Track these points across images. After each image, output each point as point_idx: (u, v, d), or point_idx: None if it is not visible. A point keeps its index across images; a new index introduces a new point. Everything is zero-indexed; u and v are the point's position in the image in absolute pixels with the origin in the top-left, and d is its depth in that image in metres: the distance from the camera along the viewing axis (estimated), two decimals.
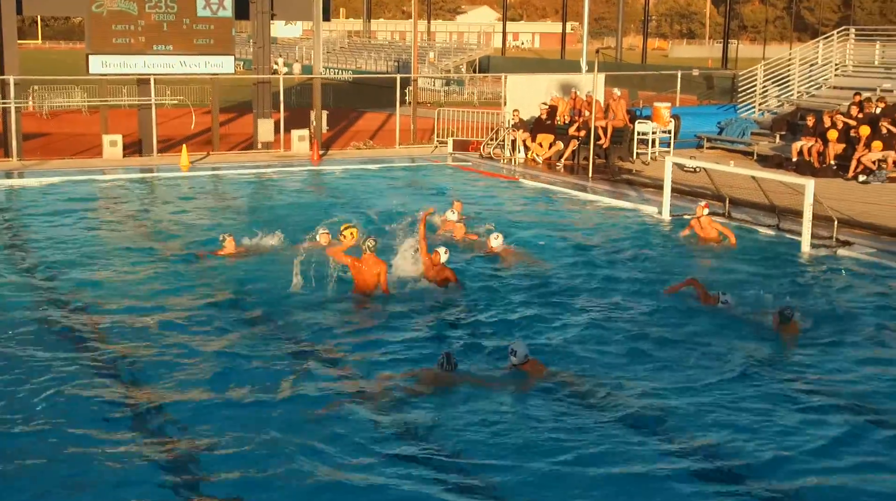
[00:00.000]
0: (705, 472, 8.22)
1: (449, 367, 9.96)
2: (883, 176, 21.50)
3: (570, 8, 71.41)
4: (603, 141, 25.07)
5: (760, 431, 8.96)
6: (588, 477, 8.05)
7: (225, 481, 7.90)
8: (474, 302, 12.93)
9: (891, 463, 8.36)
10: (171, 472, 8.08)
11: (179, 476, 8.03)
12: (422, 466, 8.18)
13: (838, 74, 28.81)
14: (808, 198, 15.80)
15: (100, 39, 24.71)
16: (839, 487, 7.95)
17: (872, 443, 8.77)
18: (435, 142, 29.14)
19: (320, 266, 13.31)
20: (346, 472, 8.05)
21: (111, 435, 8.68)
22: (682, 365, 10.65)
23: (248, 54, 41.71)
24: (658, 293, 13.37)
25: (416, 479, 7.95)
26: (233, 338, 11.42)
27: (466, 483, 7.95)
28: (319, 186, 23.18)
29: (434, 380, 9.91)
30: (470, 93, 49.41)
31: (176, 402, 9.44)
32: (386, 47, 72.32)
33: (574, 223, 18.56)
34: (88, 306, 12.62)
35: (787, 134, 25.93)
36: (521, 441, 8.65)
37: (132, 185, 22.49)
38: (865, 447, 8.68)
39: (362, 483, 7.87)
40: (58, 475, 7.94)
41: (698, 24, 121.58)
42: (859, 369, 10.63)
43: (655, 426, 9.05)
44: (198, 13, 25.44)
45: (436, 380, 9.90)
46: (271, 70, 30.13)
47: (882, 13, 79.37)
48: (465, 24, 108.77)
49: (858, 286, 14.01)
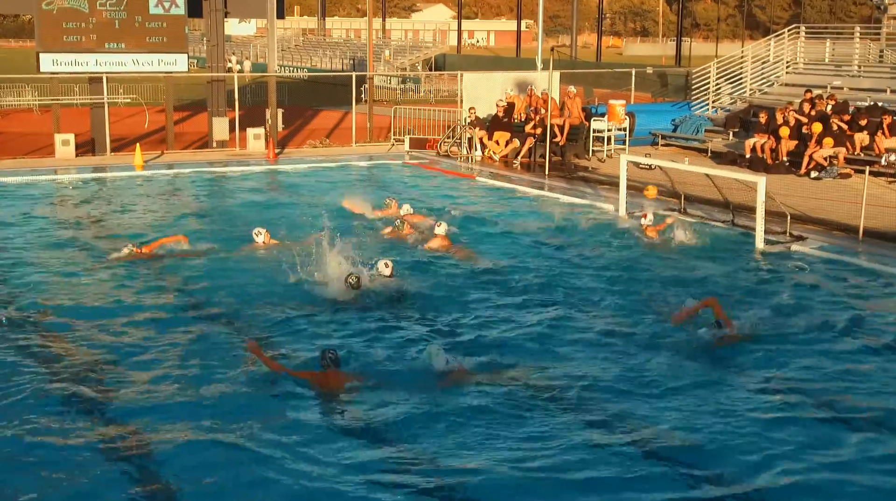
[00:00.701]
0: (656, 465, 8.30)
1: (331, 364, 9.79)
2: (834, 172, 21.80)
3: (524, 6, 71.59)
4: (559, 139, 25.17)
5: (703, 419, 9.08)
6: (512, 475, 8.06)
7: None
8: (425, 301, 12.94)
9: (847, 456, 8.48)
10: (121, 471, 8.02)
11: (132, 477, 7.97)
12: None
13: (790, 71, 29.17)
14: (761, 194, 15.98)
15: (50, 37, 24.39)
16: (799, 485, 8.04)
17: (829, 438, 8.88)
18: (392, 140, 29.09)
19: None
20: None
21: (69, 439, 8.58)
22: (634, 360, 10.73)
23: (202, 52, 41.37)
24: (617, 291, 13.46)
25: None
26: (191, 338, 11.33)
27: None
28: (276, 185, 23.04)
29: (323, 380, 9.73)
30: (426, 91, 49.37)
31: (128, 404, 9.35)
32: (341, 45, 71.97)
33: (531, 221, 18.61)
34: (36, 307, 12.44)
35: (740, 131, 26.19)
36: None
37: (85, 184, 22.21)
38: (823, 441, 8.80)
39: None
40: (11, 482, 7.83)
41: (652, 23, 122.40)
42: (815, 362, 10.75)
43: (608, 423, 9.11)
44: (150, 11, 25.20)
45: (325, 380, 9.73)
46: (226, 68, 29.89)
47: (832, 11, 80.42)
48: (421, 22, 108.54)
49: (812, 281, 14.18)
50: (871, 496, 7.85)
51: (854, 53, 28.75)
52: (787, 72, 29.13)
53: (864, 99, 25.08)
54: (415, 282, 13.51)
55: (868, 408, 9.51)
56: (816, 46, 29.69)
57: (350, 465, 8.14)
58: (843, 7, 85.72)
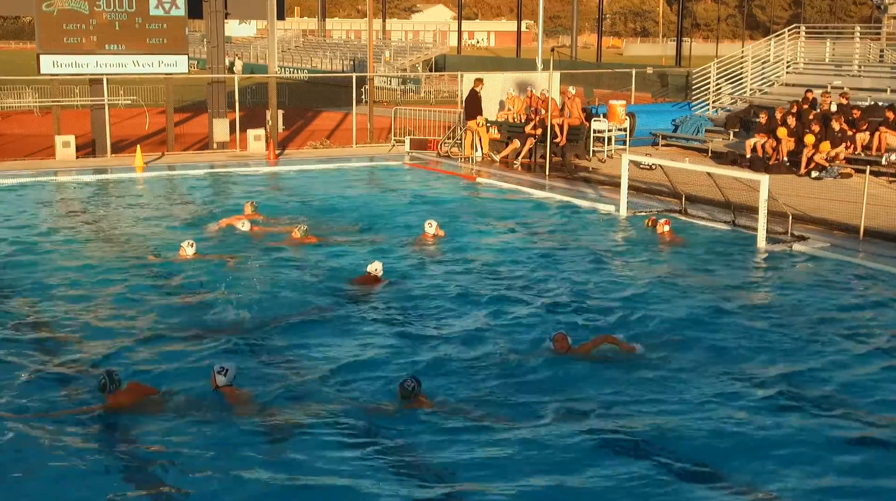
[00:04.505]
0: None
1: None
2: (835, 172, 21.79)
3: (525, 6, 71.61)
4: (559, 139, 25.16)
5: (700, 414, 9.10)
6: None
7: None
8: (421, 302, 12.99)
9: (847, 456, 8.48)
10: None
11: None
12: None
13: (790, 71, 29.17)
14: (763, 194, 15.97)
15: (50, 39, 24.39)
16: (800, 484, 8.05)
17: (829, 438, 8.88)
18: (392, 141, 29.08)
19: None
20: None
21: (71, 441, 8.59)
22: (639, 360, 10.74)
23: (203, 54, 41.37)
24: (617, 291, 13.47)
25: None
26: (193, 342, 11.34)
27: None
28: (276, 186, 23.02)
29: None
30: (426, 92, 49.37)
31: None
32: (341, 46, 71.95)
33: (532, 221, 18.59)
34: (42, 310, 12.44)
35: (740, 131, 26.19)
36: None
37: (86, 186, 22.19)
38: (823, 441, 8.80)
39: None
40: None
41: (652, 23, 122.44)
42: (816, 362, 10.75)
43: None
44: (150, 12, 25.19)
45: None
46: (226, 69, 29.88)
47: (832, 11, 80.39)
48: (421, 23, 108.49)
49: (813, 281, 14.18)
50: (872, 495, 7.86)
51: (854, 53, 28.76)
52: (787, 72, 29.13)
53: (865, 99, 25.08)
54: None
55: (868, 408, 9.50)
56: (817, 46, 29.69)
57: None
58: (843, 7, 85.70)
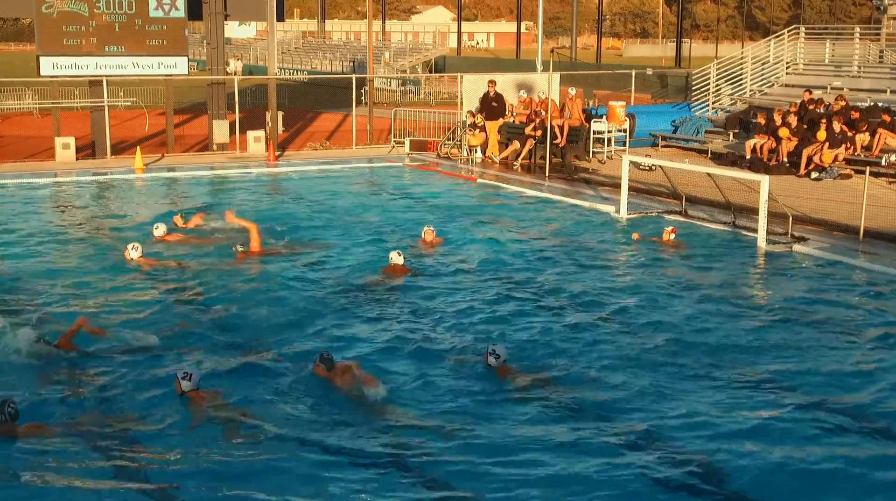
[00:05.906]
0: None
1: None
2: (835, 173, 21.79)
3: (524, 8, 71.61)
4: (559, 140, 25.16)
5: (702, 416, 9.09)
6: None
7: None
8: (425, 300, 12.97)
9: (847, 457, 8.47)
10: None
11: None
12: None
13: (789, 72, 29.18)
14: (764, 195, 15.97)
15: (50, 41, 24.39)
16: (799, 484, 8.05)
17: (829, 438, 8.87)
18: (392, 142, 29.08)
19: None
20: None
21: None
22: (638, 361, 10.74)
23: (202, 55, 41.36)
24: (617, 292, 13.47)
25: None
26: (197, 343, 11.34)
27: None
28: (276, 188, 23.03)
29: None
30: (426, 93, 49.38)
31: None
32: (341, 47, 71.97)
33: (532, 223, 18.59)
34: (45, 312, 12.44)
35: (740, 132, 26.19)
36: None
37: (86, 188, 22.20)
38: (822, 441, 8.79)
39: None
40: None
41: (652, 24, 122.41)
42: (817, 362, 10.75)
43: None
44: (150, 14, 25.19)
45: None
46: (226, 71, 29.89)
47: (831, 12, 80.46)
48: (420, 25, 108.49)
49: (814, 282, 14.18)
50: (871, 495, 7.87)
51: (854, 54, 28.76)
52: (787, 73, 29.13)
53: (864, 99, 25.08)
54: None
55: (868, 408, 9.50)
56: (816, 47, 29.69)
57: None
58: (842, 8, 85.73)
